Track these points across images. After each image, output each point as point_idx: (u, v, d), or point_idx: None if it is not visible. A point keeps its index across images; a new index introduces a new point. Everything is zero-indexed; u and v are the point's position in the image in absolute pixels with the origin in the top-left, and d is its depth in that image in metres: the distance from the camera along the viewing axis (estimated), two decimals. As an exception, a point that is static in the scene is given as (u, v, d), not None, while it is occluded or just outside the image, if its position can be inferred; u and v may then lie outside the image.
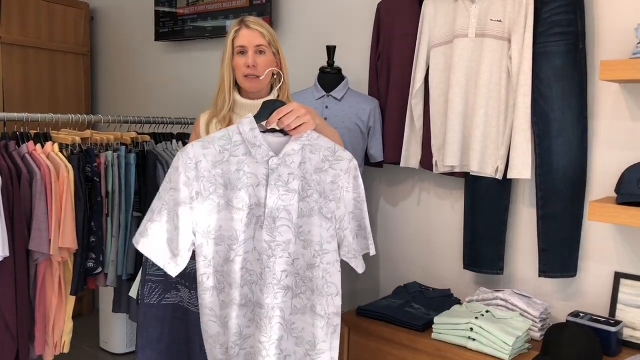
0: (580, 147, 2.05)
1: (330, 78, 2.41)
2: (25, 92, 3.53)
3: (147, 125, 2.83)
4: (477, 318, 1.94)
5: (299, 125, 1.61)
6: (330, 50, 2.43)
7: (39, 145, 2.31)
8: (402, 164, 2.38)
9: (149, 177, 2.56)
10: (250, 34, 1.82)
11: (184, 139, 2.83)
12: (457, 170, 2.23)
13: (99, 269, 2.39)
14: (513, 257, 2.28)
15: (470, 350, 1.90)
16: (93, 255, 2.38)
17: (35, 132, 2.43)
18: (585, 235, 2.10)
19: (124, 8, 3.79)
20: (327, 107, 2.36)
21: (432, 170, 2.30)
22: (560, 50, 2.02)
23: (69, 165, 2.27)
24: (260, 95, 1.88)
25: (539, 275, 2.13)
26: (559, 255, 2.09)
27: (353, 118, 2.35)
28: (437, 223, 2.50)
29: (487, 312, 2.00)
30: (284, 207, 1.60)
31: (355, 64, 2.66)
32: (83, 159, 2.36)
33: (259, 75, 1.82)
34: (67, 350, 2.38)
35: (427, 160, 2.32)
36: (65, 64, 3.75)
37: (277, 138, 1.64)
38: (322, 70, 2.43)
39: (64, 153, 2.34)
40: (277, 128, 1.64)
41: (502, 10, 2.07)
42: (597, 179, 2.08)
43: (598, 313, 2.07)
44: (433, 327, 2.00)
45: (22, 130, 2.39)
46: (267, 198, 1.59)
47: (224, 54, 1.86)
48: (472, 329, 1.91)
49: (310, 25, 2.87)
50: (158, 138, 2.81)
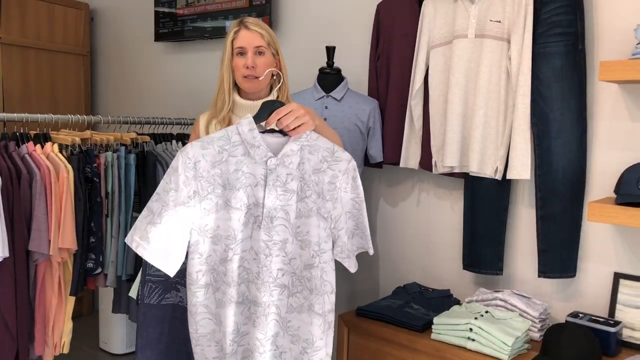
0: (580, 147, 2.05)
1: (330, 79, 2.41)
2: (25, 92, 3.53)
3: (147, 126, 2.83)
4: (476, 319, 1.94)
5: (298, 126, 1.61)
6: (330, 51, 2.43)
7: (39, 146, 2.31)
8: (401, 165, 2.38)
9: (149, 177, 2.56)
10: (250, 35, 1.82)
11: (184, 140, 2.84)
12: (456, 171, 2.23)
13: (99, 270, 2.39)
14: (512, 257, 2.28)
15: (470, 351, 1.90)
16: (93, 256, 2.38)
17: (35, 132, 2.43)
18: (585, 236, 2.10)
19: (124, 9, 3.79)
20: (326, 107, 2.37)
21: (431, 171, 2.30)
22: (560, 51, 2.02)
23: (69, 166, 2.27)
24: (260, 96, 1.88)
25: (539, 276, 2.13)
26: (559, 256, 2.09)
27: (353, 119, 2.35)
28: (436, 224, 2.50)
29: (486, 312, 2.00)
30: (282, 207, 1.60)
31: (355, 65, 2.66)
32: (83, 160, 2.36)
33: (259, 76, 1.82)
34: (67, 351, 2.38)
35: (426, 161, 2.32)
36: (65, 65, 3.75)
37: (276, 139, 1.64)
38: (321, 71, 2.43)
39: (64, 154, 2.34)
40: (276, 128, 1.64)
41: (501, 11, 2.07)
42: (596, 180, 2.08)
43: (597, 314, 2.07)
44: (433, 327, 2.00)
45: (22, 131, 2.39)
46: (265, 198, 1.59)
47: (224, 55, 1.86)
48: (471, 330, 1.91)
49: (310, 26, 2.87)
50: (158, 139, 2.81)
